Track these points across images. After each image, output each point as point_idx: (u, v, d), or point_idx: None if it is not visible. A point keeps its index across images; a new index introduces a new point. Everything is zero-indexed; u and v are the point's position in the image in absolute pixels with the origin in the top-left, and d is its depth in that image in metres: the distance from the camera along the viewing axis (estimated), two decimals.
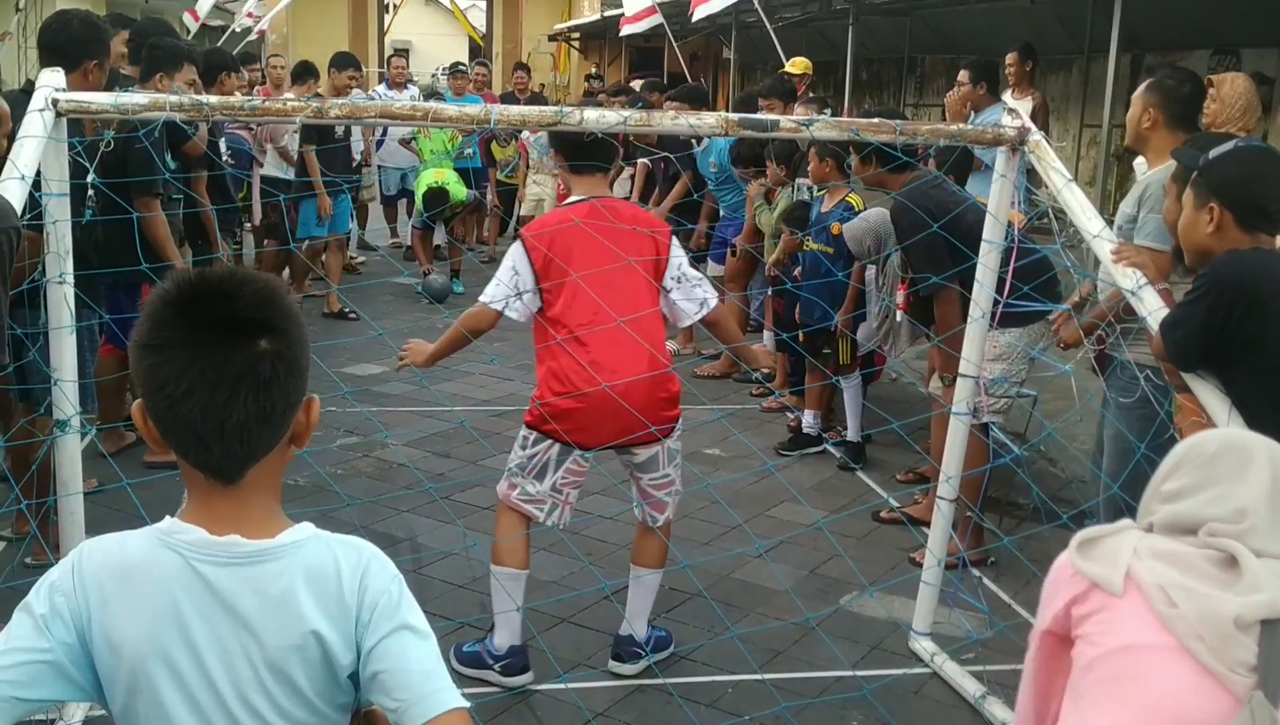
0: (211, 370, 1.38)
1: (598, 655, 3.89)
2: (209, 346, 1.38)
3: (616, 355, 3.52)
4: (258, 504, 1.48)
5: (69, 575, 1.45)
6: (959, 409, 3.76)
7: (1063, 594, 1.93)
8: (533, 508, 3.69)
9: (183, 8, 18.68)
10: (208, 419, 1.38)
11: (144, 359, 1.40)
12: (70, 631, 1.42)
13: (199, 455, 1.43)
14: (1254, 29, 9.29)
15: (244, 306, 1.41)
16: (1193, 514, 1.88)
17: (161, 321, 1.40)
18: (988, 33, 12.56)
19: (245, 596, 1.43)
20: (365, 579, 1.47)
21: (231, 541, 1.44)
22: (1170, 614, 1.78)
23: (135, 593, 1.42)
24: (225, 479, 1.45)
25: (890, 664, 3.93)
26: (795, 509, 5.30)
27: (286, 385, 1.43)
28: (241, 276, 1.45)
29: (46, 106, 2.90)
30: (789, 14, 13.39)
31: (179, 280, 1.44)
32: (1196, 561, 1.83)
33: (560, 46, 24.56)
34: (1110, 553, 1.89)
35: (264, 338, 1.40)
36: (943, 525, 3.87)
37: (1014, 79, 8.10)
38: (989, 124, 6.35)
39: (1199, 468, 1.92)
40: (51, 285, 3.05)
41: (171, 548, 1.44)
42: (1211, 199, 2.95)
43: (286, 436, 1.48)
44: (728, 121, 3.39)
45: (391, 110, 3.23)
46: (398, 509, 5.05)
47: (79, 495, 3.21)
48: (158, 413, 1.41)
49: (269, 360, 1.40)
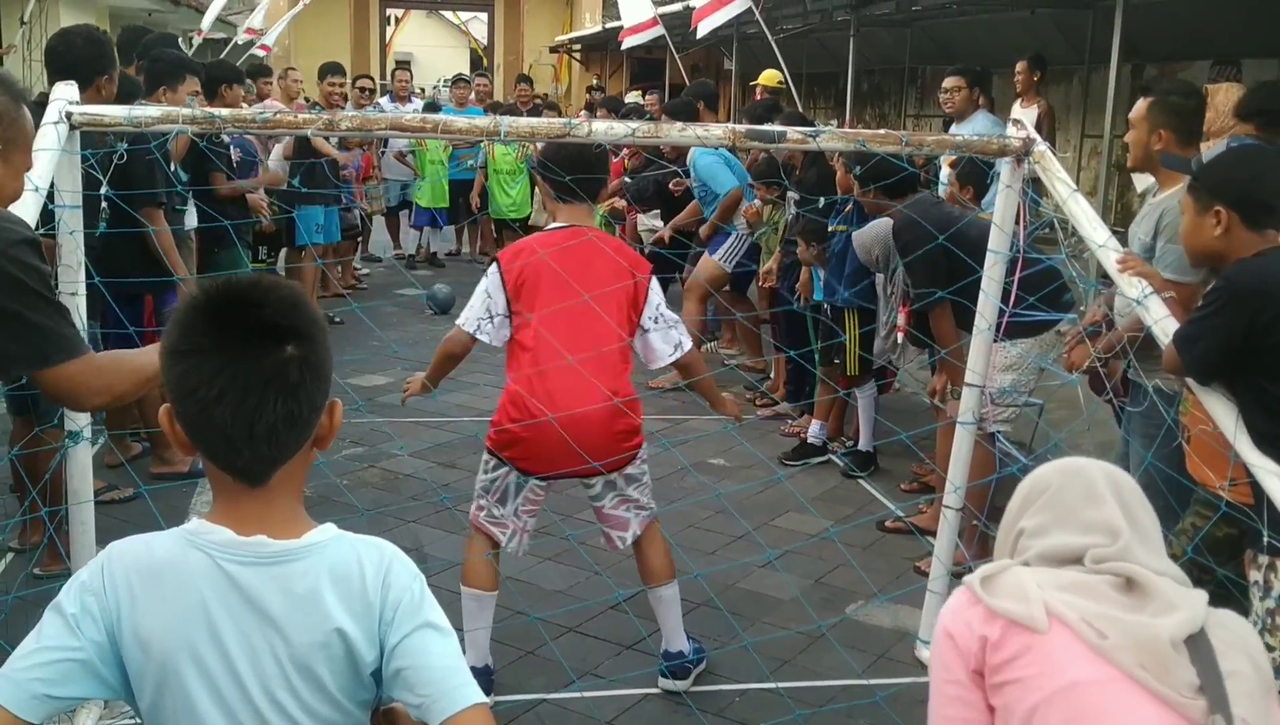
0: (242, 375, 1.42)
1: (605, 664, 3.90)
2: (239, 352, 1.42)
3: (573, 386, 3.51)
4: (282, 505, 1.52)
5: (98, 575, 1.48)
6: (964, 418, 3.77)
7: (973, 635, 1.85)
8: (497, 530, 3.71)
9: (183, 21, 18.76)
10: (238, 422, 1.42)
11: (175, 365, 1.44)
12: (100, 630, 1.45)
13: (228, 458, 1.47)
14: (1254, 39, 9.32)
15: (272, 313, 1.45)
16: (1068, 544, 1.88)
17: (192, 328, 1.44)
18: (988, 43, 12.60)
19: (272, 595, 1.46)
20: (388, 578, 1.51)
21: (258, 542, 1.48)
22: (1105, 645, 1.76)
23: (164, 592, 1.46)
24: (253, 481, 1.49)
25: (897, 673, 3.94)
26: (800, 519, 5.31)
27: (312, 389, 1.47)
28: (268, 284, 1.50)
29: (60, 120, 2.92)
30: (790, 25, 13.44)
31: (208, 288, 1.48)
32: (1100, 588, 1.82)
33: (561, 58, 24.63)
34: (1016, 589, 1.84)
35: (291, 343, 1.45)
36: (949, 534, 3.88)
37: (1022, 88, 8.16)
38: (977, 133, 6.41)
39: (1049, 502, 1.93)
40: (64, 297, 3.06)
41: (199, 548, 1.48)
42: (1215, 202, 2.96)
43: (311, 439, 1.52)
44: (734, 133, 3.41)
45: (402, 122, 3.26)
46: (404, 519, 5.07)
47: (89, 504, 3.23)
48: (188, 417, 1.45)
49: (296, 365, 1.44)
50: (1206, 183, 3.03)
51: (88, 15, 13.45)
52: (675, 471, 5.86)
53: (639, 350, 3.78)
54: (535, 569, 4.62)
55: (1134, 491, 1.94)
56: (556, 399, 3.51)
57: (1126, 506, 1.90)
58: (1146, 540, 1.89)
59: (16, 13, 9.87)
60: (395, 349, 6.78)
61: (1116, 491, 1.91)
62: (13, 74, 4.89)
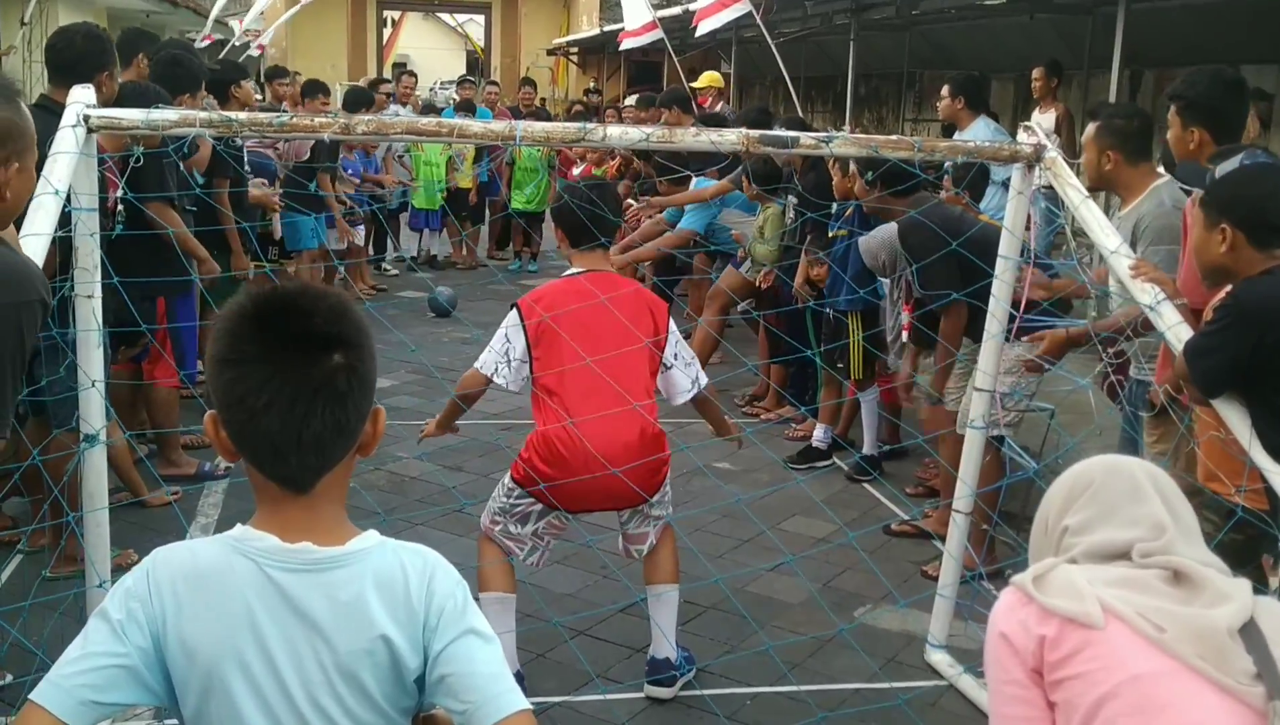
0: (290, 384, 1.42)
1: (616, 668, 3.91)
2: (287, 361, 1.43)
3: (605, 430, 3.56)
4: (327, 512, 1.52)
5: (144, 581, 1.48)
6: (976, 422, 3.79)
7: (1029, 635, 1.87)
8: (513, 544, 3.75)
9: (181, 22, 18.75)
10: (286, 431, 1.43)
11: (223, 373, 1.45)
12: (145, 636, 1.46)
13: (275, 466, 1.47)
14: (1254, 45, 9.36)
15: (320, 321, 1.46)
16: (1114, 540, 1.90)
17: (240, 337, 1.45)
18: (987, 48, 12.65)
19: (317, 602, 1.47)
20: (432, 584, 1.51)
21: (303, 548, 1.48)
22: (1163, 638, 1.78)
23: (209, 598, 1.46)
24: (299, 488, 1.49)
25: (907, 676, 3.95)
26: (807, 522, 5.32)
27: (359, 397, 1.48)
28: (315, 292, 1.51)
29: (78, 123, 2.92)
30: (789, 29, 13.46)
31: (255, 297, 1.48)
32: (1150, 581, 1.85)
33: (559, 61, 24.65)
34: (1068, 587, 1.86)
35: (338, 352, 1.45)
36: (959, 538, 3.90)
37: (1039, 93, 8.20)
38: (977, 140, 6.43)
39: (1092, 499, 1.95)
40: (80, 299, 3.07)
41: (245, 554, 1.48)
42: (1222, 219, 2.97)
43: (355, 447, 1.53)
44: (748, 139, 3.42)
45: (418, 127, 3.26)
46: (410, 522, 5.07)
47: (104, 508, 3.23)
48: (236, 425, 1.46)
49: (344, 374, 1.45)
50: (1215, 199, 3.04)
51: (86, 16, 13.43)
52: (681, 475, 5.86)
53: (661, 387, 3.87)
54: (545, 572, 4.60)
55: (1173, 487, 1.97)
56: (588, 442, 3.55)
57: (1168, 501, 1.93)
58: (1189, 534, 1.91)
59: (16, 14, 9.87)
60: (414, 351, 6.77)
61: (1158, 487, 1.94)
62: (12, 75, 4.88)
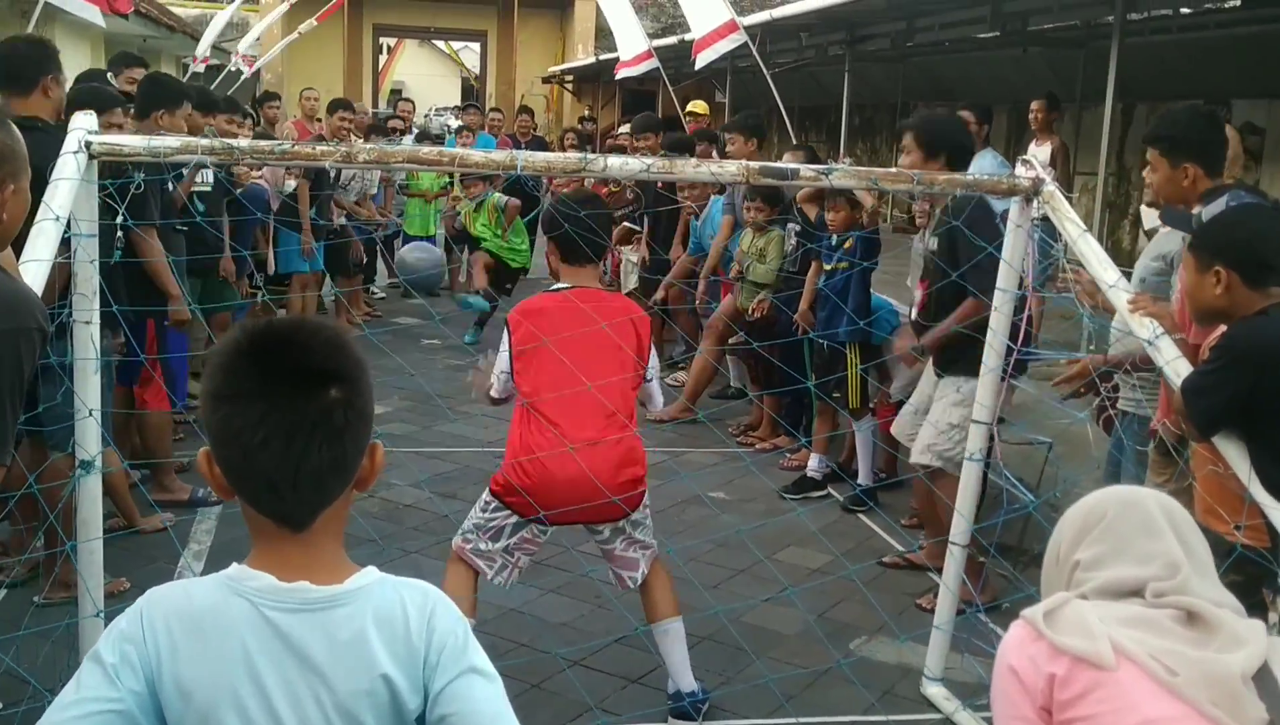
0: (287, 420, 1.40)
1: (612, 698, 3.89)
2: (283, 396, 1.41)
3: (582, 437, 3.58)
4: (325, 549, 1.50)
5: (137, 623, 1.46)
6: (974, 456, 3.79)
7: (1039, 672, 1.84)
8: (482, 563, 3.73)
9: (177, 48, 18.81)
10: (283, 468, 1.41)
11: (218, 409, 1.42)
12: (140, 680, 1.43)
13: (271, 504, 1.45)
14: (1244, 80, 9.45)
15: (317, 355, 1.43)
16: (1126, 578, 1.87)
17: (234, 372, 1.42)
18: (980, 80, 12.74)
19: (315, 642, 1.44)
20: (432, 621, 1.49)
21: (300, 588, 1.45)
22: (1175, 682, 1.74)
23: (205, 639, 1.43)
24: (295, 526, 1.47)
25: (903, 709, 3.94)
26: (802, 553, 5.31)
27: (357, 432, 1.46)
28: (311, 325, 1.48)
29: (80, 149, 2.92)
30: (784, 60, 13.55)
31: (250, 331, 1.46)
32: (1163, 622, 1.81)
33: (554, 89, 24.76)
34: (1079, 625, 1.82)
35: (335, 386, 1.43)
36: (955, 571, 3.89)
37: (1038, 125, 8.28)
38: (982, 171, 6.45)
39: (1105, 533, 1.92)
40: (78, 325, 3.06)
41: (240, 594, 1.45)
42: (1215, 262, 2.96)
43: (353, 482, 1.51)
44: (748, 170, 3.44)
45: (419, 155, 3.27)
46: (405, 550, 5.05)
47: (99, 537, 3.21)
48: (230, 462, 1.43)
49: (341, 408, 1.43)
50: (1205, 242, 3.04)
51: (83, 40, 13.48)
52: (675, 504, 5.86)
53: (644, 398, 3.94)
54: (539, 601, 4.61)
55: (1187, 521, 1.94)
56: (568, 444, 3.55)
57: (1183, 537, 1.90)
58: (1203, 571, 1.88)
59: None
60: (412, 374, 6.77)
61: (1172, 522, 1.91)
62: None
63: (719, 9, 10.60)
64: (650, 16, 21.05)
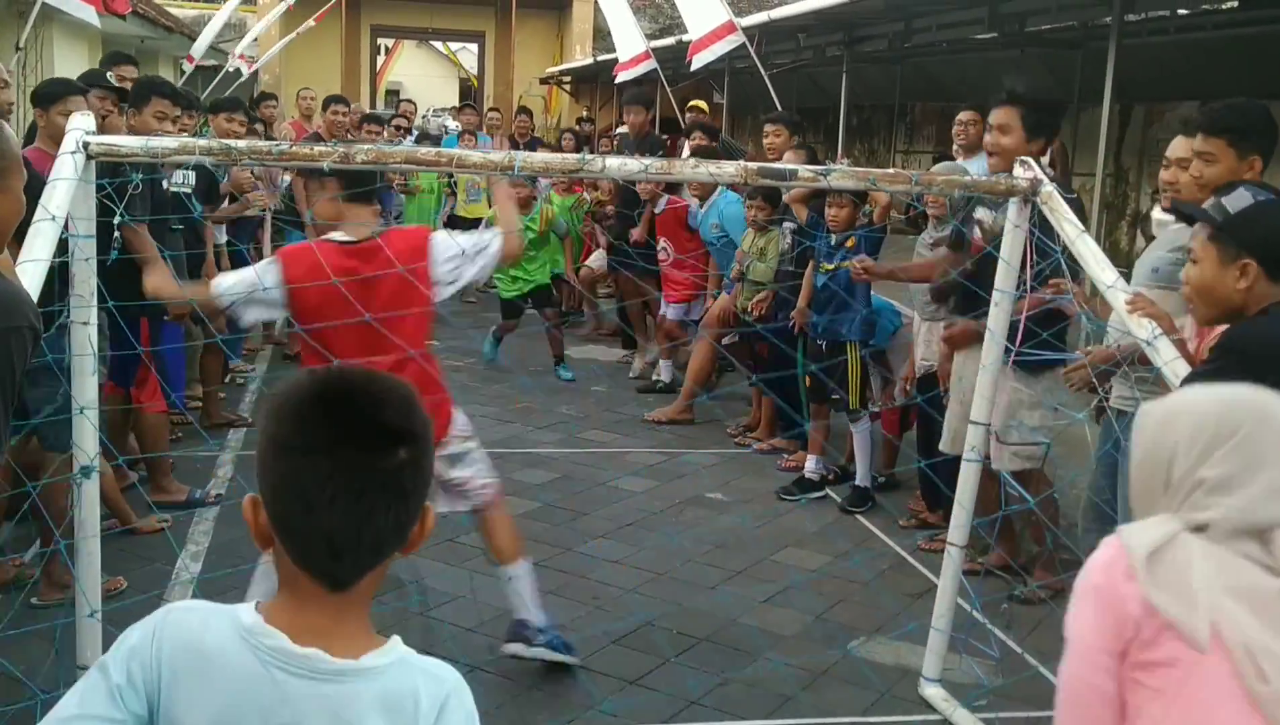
0: (358, 479, 1.35)
1: (609, 699, 3.88)
2: (356, 454, 1.35)
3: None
4: (352, 618, 1.44)
5: (148, 644, 1.41)
6: (972, 454, 3.79)
7: (1127, 617, 1.65)
8: None
9: (175, 48, 18.78)
10: (347, 528, 1.35)
11: (284, 460, 1.37)
12: (141, 704, 1.40)
13: (324, 563, 1.39)
14: (1242, 81, 9.45)
15: (391, 413, 1.39)
16: (1259, 513, 1.63)
17: (305, 422, 1.37)
18: (978, 81, 12.73)
19: (316, 715, 1.38)
20: (442, 715, 1.42)
21: (313, 655, 1.39)
22: (1262, 692, 1.54)
23: (206, 684, 1.39)
24: (338, 587, 1.41)
25: (901, 710, 3.93)
26: (800, 554, 5.31)
27: (421, 495, 1.41)
28: (385, 381, 1.43)
29: (77, 149, 2.92)
30: (782, 61, 13.55)
31: (322, 379, 1.41)
32: (1277, 603, 1.59)
33: (551, 89, 24.73)
34: (1180, 583, 1.61)
35: (405, 447, 1.38)
36: (953, 570, 3.89)
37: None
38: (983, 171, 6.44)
39: (1239, 449, 1.67)
40: (76, 326, 3.05)
41: (251, 649, 1.40)
42: (1243, 255, 2.87)
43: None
44: (746, 170, 3.43)
45: (417, 156, 3.26)
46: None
47: (96, 537, 3.20)
48: (289, 516, 1.38)
49: (410, 470, 1.38)
50: (1237, 234, 2.98)
51: (81, 41, 13.45)
52: (674, 505, 5.86)
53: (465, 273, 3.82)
54: None
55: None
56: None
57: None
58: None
59: (11, 39, 9.87)
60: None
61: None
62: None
63: (717, 10, 10.59)
64: (648, 18, 21.05)
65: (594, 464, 6.45)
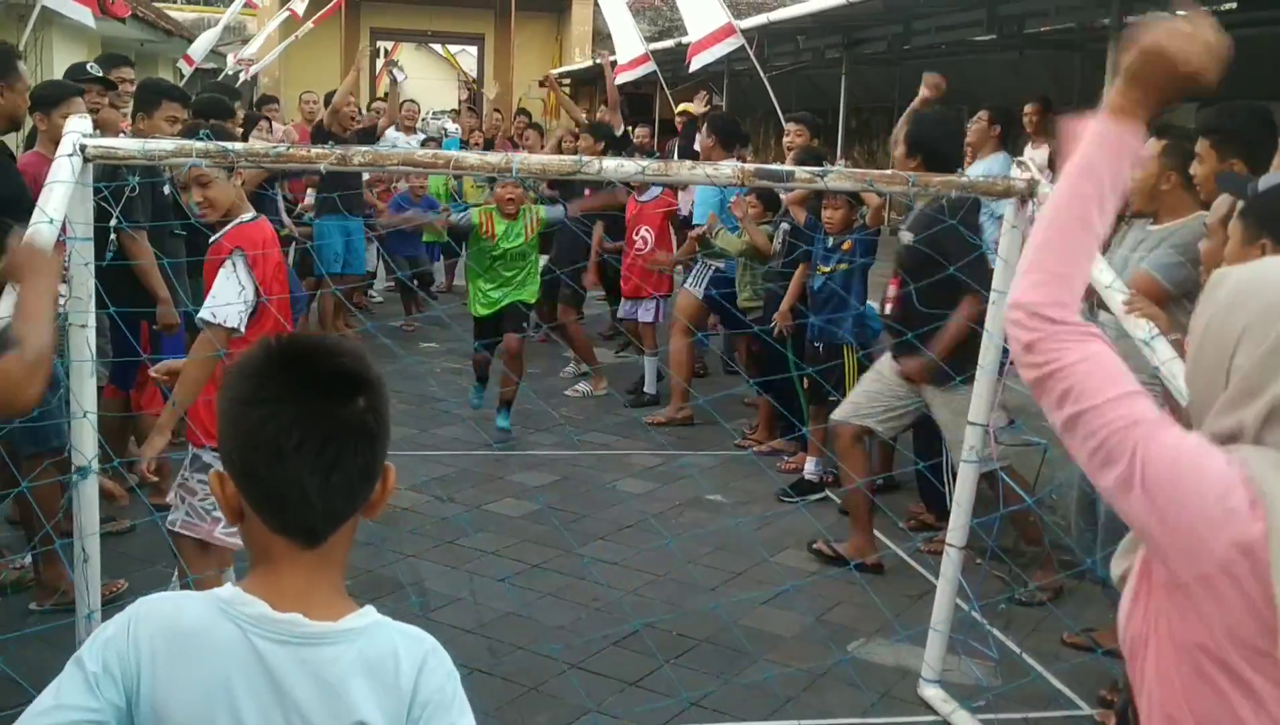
0: (322, 424, 1.38)
1: (610, 700, 3.88)
2: (317, 401, 1.39)
3: None
4: (325, 580, 1.46)
5: (124, 634, 1.42)
6: (970, 457, 3.79)
7: (1226, 527, 1.32)
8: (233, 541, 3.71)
9: (175, 52, 18.79)
10: (316, 473, 1.38)
11: (249, 413, 1.39)
12: (120, 693, 1.40)
13: (296, 512, 1.41)
14: (1241, 82, 9.43)
15: (346, 363, 1.43)
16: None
17: (265, 377, 1.40)
18: (977, 83, 12.73)
19: (300, 679, 1.40)
20: (422, 673, 1.45)
21: (293, 619, 1.41)
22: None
23: (188, 662, 1.40)
24: (313, 540, 1.43)
25: (901, 711, 3.94)
26: (799, 555, 5.31)
27: (383, 443, 1.44)
28: (334, 338, 1.48)
29: (74, 152, 2.92)
30: (781, 63, 13.56)
31: (277, 341, 1.45)
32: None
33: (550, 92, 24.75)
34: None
35: (364, 395, 1.42)
36: (952, 572, 3.89)
37: (1033, 128, 8.24)
38: (990, 172, 6.45)
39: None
40: (73, 328, 3.06)
41: (231, 619, 1.41)
42: (1263, 234, 2.85)
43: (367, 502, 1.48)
44: (743, 172, 3.44)
45: (414, 158, 3.27)
46: (402, 553, 5.04)
47: (95, 538, 3.20)
48: (257, 469, 1.39)
49: (371, 416, 1.42)
50: (1259, 213, 2.92)
51: (80, 45, 13.46)
52: (674, 506, 5.86)
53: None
54: (536, 604, 4.60)
55: None
56: None
57: None
58: None
59: (12, 40, 9.90)
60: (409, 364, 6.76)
61: None
62: None
63: (716, 12, 10.60)
64: (648, 20, 21.07)
65: (593, 466, 6.45)
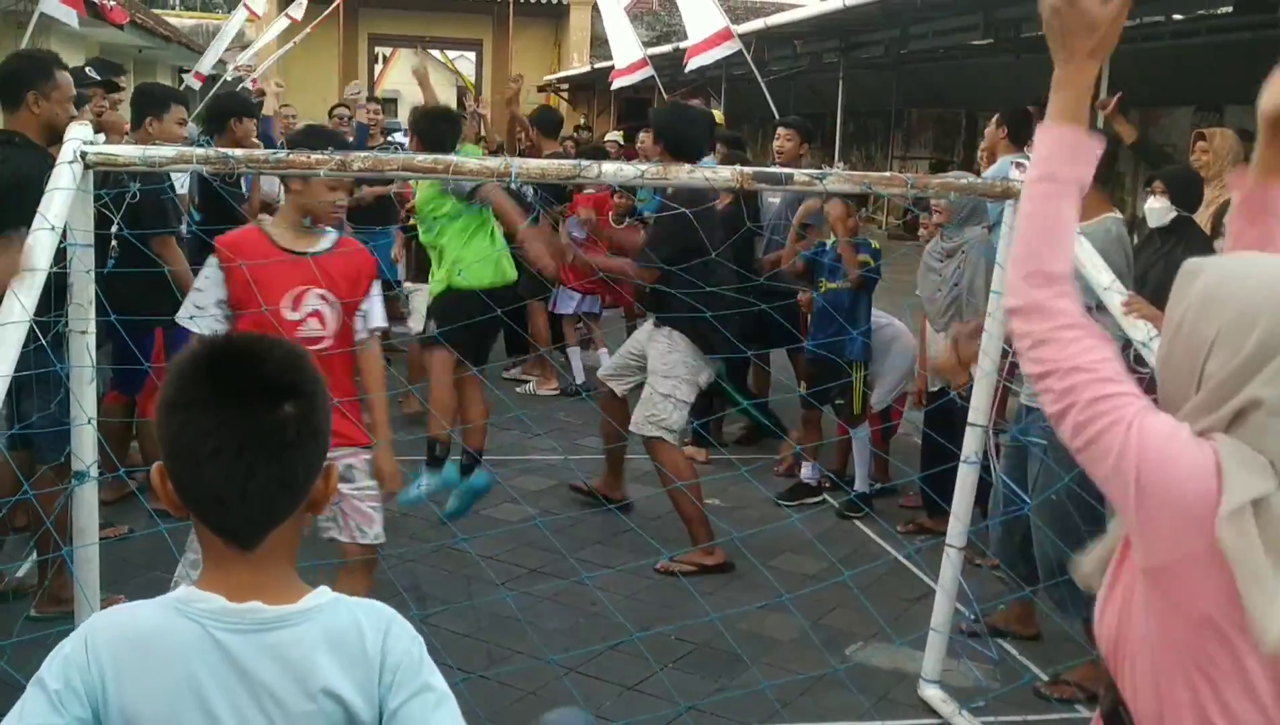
0: (238, 432, 1.38)
1: (608, 705, 3.89)
2: (236, 408, 1.39)
3: None
4: (275, 571, 1.47)
5: (81, 649, 1.41)
6: (970, 458, 3.80)
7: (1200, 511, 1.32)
8: None
9: (173, 58, 18.83)
10: (231, 482, 1.38)
11: (170, 418, 1.40)
12: (84, 707, 1.39)
13: (219, 518, 1.42)
14: (1236, 86, 9.47)
15: (273, 368, 1.42)
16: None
17: (189, 381, 1.41)
18: (974, 87, 12.77)
19: (266, 664, 1.40)
20: (387, 640, 1.46)
21: (252, 608, 1.42)
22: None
23: (151, 665, 1.40)
24: (244, 544, 1.43)
25: (900, 714, 3.94)
26: (797, 559, 5.31)
27: (309, 450, 1.43)
28: (269, 340, 1.48)
29: (75, 159, 2.93)
30: (779, 67, 13.59)
31: (207, 342, 1.46)
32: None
33: (549, 97, 24.79)
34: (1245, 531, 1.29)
35: (290, 402, 1.41)
36: (952, 573, 3.89)
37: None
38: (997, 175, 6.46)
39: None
40: (74, 335, 3.07)
41: (189, 617, 1.41)
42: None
43: (305, 502, 1.47)
44: (742, 175, 3.45)
45: (413, 163, 3.28)
46: (400, 559, 5.04)
47: (94, 544, 3.21)
48: (180, 474, 1.41)
49: (294, 424, 1.41)
50: None
51: (79, 52, 13.48)
52: (671, 511, 5.85)
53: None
54: (534, 609, 4.61)
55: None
56: None
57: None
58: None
59: (10, 48, 9.92)
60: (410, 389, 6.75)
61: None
62: None
63: (714, 16, 10.64)
64: (645, 25, 21.11)
65: (591, 471, 6.45)
